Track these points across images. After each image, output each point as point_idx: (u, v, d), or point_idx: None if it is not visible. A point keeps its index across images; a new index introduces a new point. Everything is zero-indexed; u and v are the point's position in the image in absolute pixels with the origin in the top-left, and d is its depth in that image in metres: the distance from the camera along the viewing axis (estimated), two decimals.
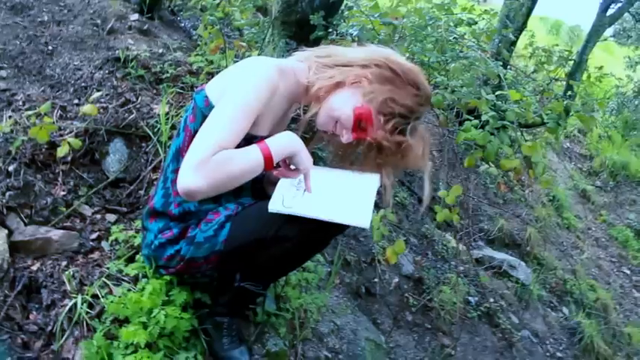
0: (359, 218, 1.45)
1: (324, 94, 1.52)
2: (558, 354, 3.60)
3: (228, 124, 1.37)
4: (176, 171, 1.59)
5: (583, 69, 4.99)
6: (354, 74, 1.49)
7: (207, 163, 1.30)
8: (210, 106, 1.49)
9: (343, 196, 1.51)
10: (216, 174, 1.32)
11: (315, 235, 1.52)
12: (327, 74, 1.52)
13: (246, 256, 1.58)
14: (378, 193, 1.57)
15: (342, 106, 1.49)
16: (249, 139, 1.44)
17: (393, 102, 1.47)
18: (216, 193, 1.37)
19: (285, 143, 1.44)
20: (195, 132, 1.50)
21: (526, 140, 2.96)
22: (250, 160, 1.38)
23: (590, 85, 5.18)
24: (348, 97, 1.49)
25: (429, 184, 1.66)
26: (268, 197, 1.52)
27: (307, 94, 1.56)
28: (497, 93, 2.68)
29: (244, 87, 1.42)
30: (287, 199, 1.49)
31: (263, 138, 1.45)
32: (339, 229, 1.56)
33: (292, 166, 1.50)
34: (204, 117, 1.47)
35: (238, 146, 1.38)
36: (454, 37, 3.16)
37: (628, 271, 5.26)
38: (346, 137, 1.52)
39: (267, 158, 1.39)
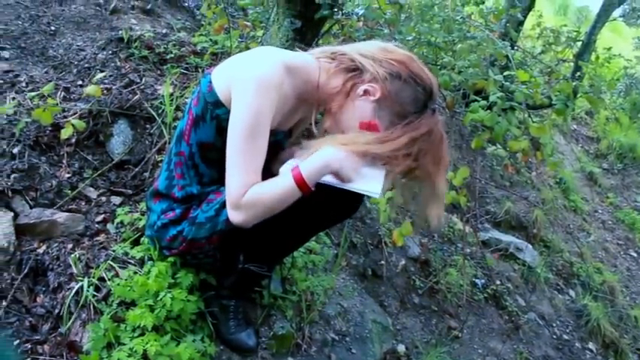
0: (371, 188, 1.44)
1: (337, 108, 1.50)
2: (565, 336, 3.59)
3: (248, 158, 1.41)
4: (178, 154, 1.60)
5: (591, 50, 4.91)
6: (365, 85, 1.46)
7: (240, 204, 1.40)
8: (212, 93, 1.47)
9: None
10: (253, 210, 1.41)
11: (319, 211, 1.51)
12: (338, 81, 1.49)
13: (249, 235, 1.57)
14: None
15: (349, 120, 1.49)
16: None
17: (402, 115, 1.45)
18: (267, 217, 1.44)
19: (322, 165, 1.41)
20: (197, 116, 1.51)
21: (533, 122, 2.93)
22: (282, 190, 1.41)
23: (599, 67, 5.10)
24: (356, 110, 1.47)
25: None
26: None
27: (318, 96, 1.53)
28: (505, 74, 2.64)
29: (249, 105, 1.38)
30: None
31: (271, 131, 1.46)
32: (340, 212, 1.57)
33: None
34: (207, 103, 1.48)
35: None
36: (461, 17, 3.12)
37: (635, 254, 5.23)
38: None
39: (301, 183, 1.40)
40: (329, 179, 1.44)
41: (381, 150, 1.41)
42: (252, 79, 1.38)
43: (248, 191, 1.39)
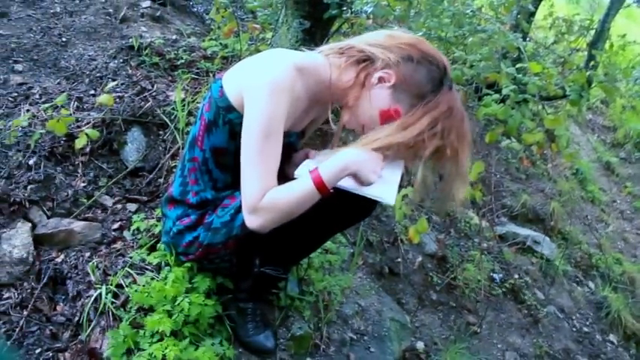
0: (385, 195, 1.44)
1: (354, 101, 1.48)
2: (585, 329, 3.56)
3: (264, 162, 1.41)
4: (192, 159, 1.60)
5: (605, 38, 4.83)
6: (379, 72, 1.44)
7: (258, 208, 1.41)
8: (224, 97, 1.47)
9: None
10: (271, 215, 1.42)
11: (332, 215, 1.51)
12: (350, 75, 1.47)
13: (265, 239, 1.58)
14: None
15: (368, 111, 1.47)
16: None
17: (420, 96, 1.42)
18: (284, 222, 1.45)
19: (341, 167, 1.41)
20: (209, 122, 1.51)
21: (548, 113, 2.89)
22: (301, 193, 1.41)
23: (614, 55, 5.03)
24: (374, 99, 1.45)
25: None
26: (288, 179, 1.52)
27: (332, 94, 1.52)
28: (517, 66, 2.61)
29: (262, 110, 1.38)
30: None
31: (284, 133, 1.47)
32: (356, 214, 1.57)
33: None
34: (218, 108, 1.48)
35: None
36: (471, 11, 3.09)
37: None
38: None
39: (320, 186, 1.40)
40: (345, 183, 1.44)
41: (406, 137, 1.40)
42: (264, 84, 1.38)
43: (265, 196, 1.40)
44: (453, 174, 1.48)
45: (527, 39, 4.38)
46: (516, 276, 3.56)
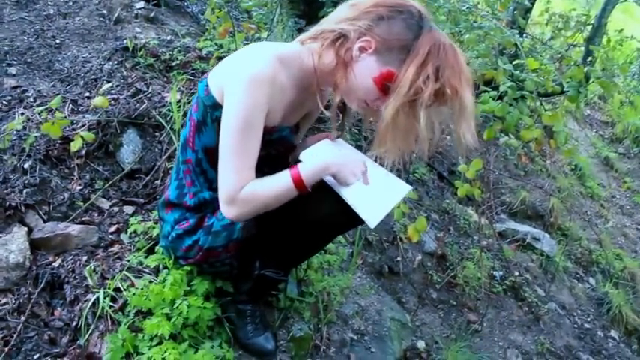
0: (371, 216, 1.44)
1: (342, 80, 1.44)
2: (586, 325, 3.55)
3: (240, 156, 1.40)
4: (186, 162, 1.59)
5: (602, 33, 4.83)
6: (357, 44, 1.38)
7: (236, 200, 1.41)
8: (209, 96, 1.45)
9: (370, 189, 1.49)
10: (249, 206, 1.42)
11: (335, 217, 1.49)
12: (331, 55, 1.43)
13: (265, 242, 1.57)
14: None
15: (360, 83, 1.42)
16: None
17: (405, 49, 1.35)
18: (259, 214, 1.46)
19: (321, 168, 1.43)
20: (198, 122, 1.50)
21: (546, 110, 2.88)
22: (279, 189, 1.42)
23: (611, 50, 5.03)
24: (362, 70, 1.40)
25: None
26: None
27: (318, 79, 1.49)
28: (514, 62, 2.60)
29: (240, 103, 1.36)
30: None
31: (274, 128, 1.49)
32: (357, 218, 1.55)
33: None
34: (205, 107, 1.47)
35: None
36: (467, 7, 3.08)
37: None
38: (381, 105, 1.42)
39: (298, 183, 1.41)
40: (343, 195, 1.44)
41: (401, 95, 1.34)
42: (242, 78, 1.36)
43: (244, 188, 1.40)
44: (456, 112, 1.40)
45: (524, 35, 4.37)
46: (516, 273, 3.56)
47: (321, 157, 1.46)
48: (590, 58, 4.15)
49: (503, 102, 2.40)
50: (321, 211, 1.47)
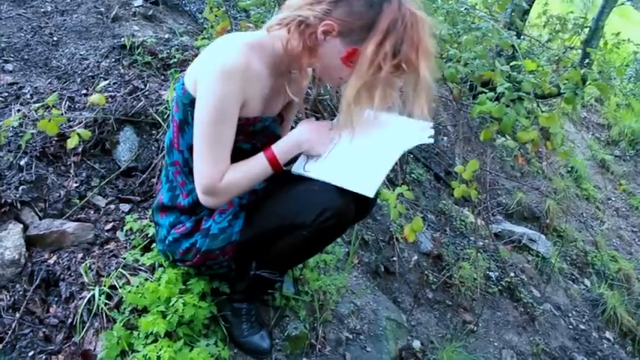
0: (366, 187, 1.45)
1: (309, 63, 1.47)
2: (581, 326, 3.56)
3: (215, 148, 1.42)
4: (173, 163, 1.59)
5: (599, 36, 4.84)
6: (320, 28, 1.37)
7: (216, 190, 1.45)
8: (186, 94, 1.45)
9: (362, 161, 1.51)
10: (228, 194, 1.49)
11: (331, 222, 1.48)
12: (296, 41, 1.41)
13: (262, 244, 1.56)
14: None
15: (329, 65, 1.43)
16: (242, 124, 1.47)
17: (369, 26, 1.34)
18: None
19: (291, 144, 1.52)
20: (180, 122, 1.51)
21: (542, 111, 2.89)
22: (258, 172, 1.50)
23: (608, 52, 5.04)
24: (329, 52, 1.40)
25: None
26: (284, 177, 1.52)
27: (289, 62, 1.49)
28: (511, 64, 2.60)
29: (211, 95, 1.37)
30: (310, 163, 1.54)
31: (256, 119, 1.51)
32: (354, 217, 1.57)
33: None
34: (184, 105, 1.47)
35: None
36: (465, 9, 3.08)
37: None
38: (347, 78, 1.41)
39: (274, 164, 1.49)
40: (330, 180, 1.46)
41: (362, 74, 1.34)
42: (213, 69, 1.37)
43: (224, 178, 1.44)
44: (412, 87, 1.39)
45: (522, 37, 4.38)
46: (512, 274, 3.57)
47: (290, 136, 1.53)
48: (587, 61, 4.15)
49: (501, 103, 2.40)
50: (314, 216, 1.46)
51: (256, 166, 1.49)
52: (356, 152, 1.53)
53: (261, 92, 1.48)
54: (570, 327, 3.50)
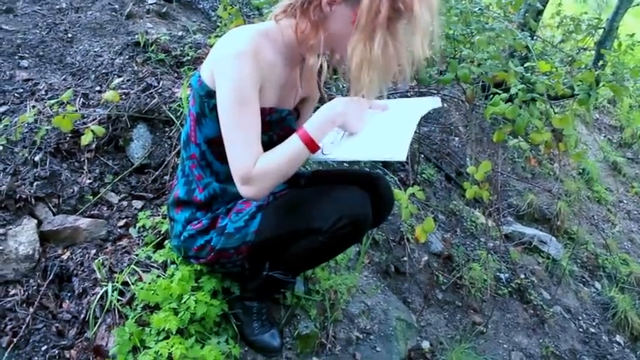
0: (394, 152, 1.38)
1: (315, 41, 1.44)
2: (591, 329, 3.53)
3: (243, 129, 1.39)
4: (190, 157, 1.59)
5: (613, 37, 4.80)
6: (325, 8, 1.39)
7: (252, 177, 1.39)
8: (203, 85, 1.46)
9: (383, 133, 1.46)
10: (266, 180, 1.40)
11: (348, 229, 1.47)
12: (305, 22, 1.42)
13: (277, 247, 1.56)
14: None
15: (340, 33, 1.40)
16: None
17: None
18: (278, 184, 1.45)
19: (324, 119, 1.43)
20: (197, 114, 1.51)
21: (555, 113, 2.87)
22: (293, 153, 1.42)
23: (622, 54, 4.99)
24: (339, 22, 1.40)
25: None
26: (299, 183, 1.52)
27: (302, 49, 1.48)
28: (525, 65, 2.58)
29: (229, 79, 1.37)
30: (327, 146, 1.48)
31: (272, 109, 1.50)
32: (372, 222, 1.56)
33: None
34: (201, 97, 1.47)
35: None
36: (479, 9, 3.07)
37: None
38: None
39: (309, 142, 1.41)
40: (344, 155, 1.44)
41: (364, 24, 1.33)
42: (227, 55, 1.38)
43: (257, 164, 1.39)
44: (411, 27, 1.37)
45: (535, 38, 4.35)
46: (522, 276, 3.55)
47: (323, 112, 1.44)
48: (600, 62, 4.12)
49: (514, 104, 2.39)
50: (331, 223, 1.45)
51: (290, 148, 1.42)
52: (374, 127, 1.49)
53: (277, 81, 1.49)
54: (580, 330, 3.47)
